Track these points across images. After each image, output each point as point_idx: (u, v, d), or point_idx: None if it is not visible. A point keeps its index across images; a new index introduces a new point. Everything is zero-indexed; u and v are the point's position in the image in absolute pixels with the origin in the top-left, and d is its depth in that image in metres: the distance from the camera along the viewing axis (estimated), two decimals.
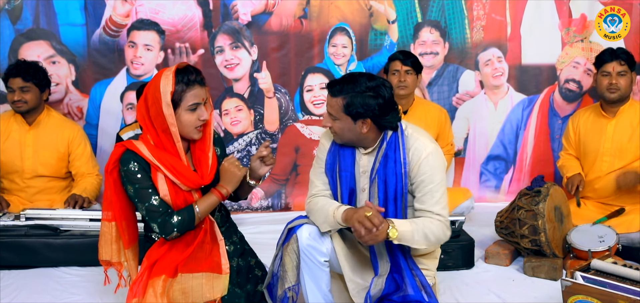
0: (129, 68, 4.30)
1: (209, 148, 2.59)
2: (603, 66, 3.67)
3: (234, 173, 2.56)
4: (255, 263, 2.77)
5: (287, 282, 2.55)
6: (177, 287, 2.47)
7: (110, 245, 2.62)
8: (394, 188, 2.54)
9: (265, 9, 4.36)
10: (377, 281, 2.56)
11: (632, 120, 3.67)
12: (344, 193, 2.62)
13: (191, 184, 2.53)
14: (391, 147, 2.55)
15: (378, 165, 2.56)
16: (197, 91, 2.49)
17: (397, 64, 3.90)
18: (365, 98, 2.47)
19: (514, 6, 4.53)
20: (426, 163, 2.52)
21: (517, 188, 4.53)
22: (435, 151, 2.55)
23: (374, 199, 2.57)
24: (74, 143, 3.83)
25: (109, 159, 2.53)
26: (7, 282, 3.18)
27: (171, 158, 2.49)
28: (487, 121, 4.64)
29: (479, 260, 3.51)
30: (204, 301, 2.46)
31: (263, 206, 4.47)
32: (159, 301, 2.43)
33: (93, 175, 3.87)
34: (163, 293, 2.44)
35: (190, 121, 2.49)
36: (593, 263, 2.71)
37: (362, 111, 2.47)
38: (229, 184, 2.56)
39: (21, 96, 3.67)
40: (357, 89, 2.47)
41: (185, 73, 2.47)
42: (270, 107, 4.45)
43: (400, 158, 2.54)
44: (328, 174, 2.66)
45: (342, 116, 2.51)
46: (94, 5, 4.21)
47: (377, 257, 2.60)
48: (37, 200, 3.79)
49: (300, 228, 2.54)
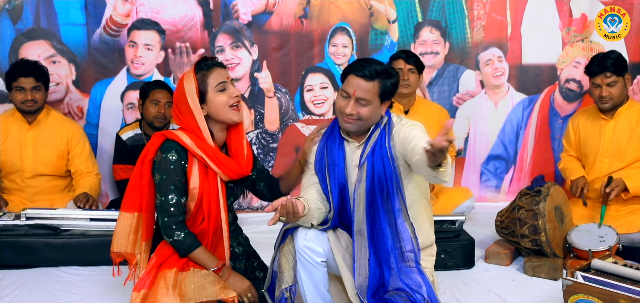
0: (130, 68, 4.30)
1: (243, 137, 2.63)
2: (593, 77, 3.66)
3: (243, 284, 2.57)
4: (257, 265, 2.78)
5: (284, 283, 2.54)
6: (190, 280, 2.47)
7: (127, 236, 2.62)
8: (381, 172, 2.53)
9: (265, 9, 4.36)
10: (359, 268, 2.54)
11: (631, 121, 3.66)
12: (334, 189, 2.60)
13: (231, 174, 2.57)
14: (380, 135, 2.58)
15: (368, 152, 2.56)
16: (218, 71, 2.55)
17: (400, 62, 3.89)
18: (394, 80, 2.57)
19: (515, 6, 4.53)
20: (403, 129, 2.56)
21: (518, 187, 4.52)
22: (417, 125, 2.59)
23: (362, 183, 2.55)
24: (73, 141, 3.83)
25: (147, 148, 2.56)
26: (7, 281, 3.18)
27: (212, 149, 2.53)
28: (488, 121, 4.64)
29: (479, 259, 3.51)
30: (217, 298, 2.45)
31: (263, 206, 4.47)
32: (170, 293, 2.42)
33: (92, 174, 3.86)
34: (175, 285, 2.45)
35: (222, 101, 2.52)
36: (593, 263, 2.71)
37: (392, 91, 2.57)
38: (237, 288, 2.55)
39: (33, 96, 3.65)
40: (387, 72, 2.56)
41: (201, 62, 2.56)
42: (271, 107, 4.45)
43: (386, 142, 2.56)
44: (317, 173, 2.66)
45: (374, 99, 2.54)
46: (94, 5, 4.21)
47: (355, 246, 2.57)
48: (37, 199, 3.78)
49: (297, 228, 2.54)
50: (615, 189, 3.49)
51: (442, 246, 3.17)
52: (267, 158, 4.48)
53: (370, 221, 2.56)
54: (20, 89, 3.65)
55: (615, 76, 3.59)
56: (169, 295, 2.42)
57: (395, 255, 2.57)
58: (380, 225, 2.56)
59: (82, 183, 3.78)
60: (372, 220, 2.56)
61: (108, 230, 3.37)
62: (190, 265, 2.54)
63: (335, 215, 2.61)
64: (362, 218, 2.55)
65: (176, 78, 4.33)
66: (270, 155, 4.49)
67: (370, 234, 2.57)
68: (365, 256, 2.55)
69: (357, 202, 2.56)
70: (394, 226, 2.56)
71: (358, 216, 2.56)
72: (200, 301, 2.42)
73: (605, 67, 3.59)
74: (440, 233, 3.01)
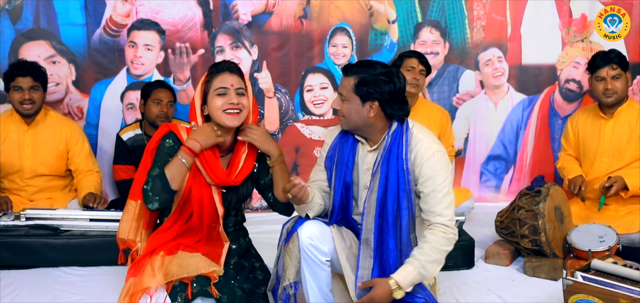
0: (129, 68, 4.30)
1: (243, 152, 2.65)
2: (596, 71, 3.65)
3: (205, 129, 2.58)
4: (259, 266, 2.78)
5: (287, 280, 2.54)
6: (176, 261, 2.52)
7: (130, 223, 2.68)
8: (394, 184, 2.53)
9: (265, 9, 4.36)
10: (362, 276, 2.54)
11: (631, 121, 3.66)
12: (338, 187, 2.61)
13: (215, 179, 2.58)
14: (395, 142, 2.55)
15: (381, 160, 2.56)
16: (224, 76, 2.58)
17: (414, 61, 3.84)
18: (377, 80, 2.50)
19: (515, 6, 4.53)
20: (428, 163, 2.51)
21: (518, 188, 4.53)
22: (439, 152, 2.55)
23: (374, 193, 2.55)
24: (72, 140, 3.83)
25: (153, 137, 2.65)
26: (7, 282, 3.18)
27: (206, 152, 2.58)
28: (488, 121, 4.64)
29: (479, 260, 3.51)
30: (199, 273, 2.48)
31: (263, 206, 4.46)
32: (156, 274, 2.47)
33: (93, 172, 3.87)
34: (161, 267, 2.50)
35: (217, 104, 2.56)
36: (593, 263, 2.71)
37: (371, 92, 2.50)
38: (198, 136, 2.55)
39: (31, 96, 3.64)
40: (371, 71, 2.52)
41: (215, 64, 2.64)
42: (271, 107, 4.46)
43: (403, 154, 2.54)
44: (327, 166, 2.68)
45: (351, 97, 2.53)
46: (94, 5, 4.21)
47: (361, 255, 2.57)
48: (37, 199, 3.79)
49: (301, 227, 2.53)
50: (615, 185, 3.49)
51: None
52: None
53: (378, 232, 2.55)
54: (18, 89, 3.65)
55: (620, 69, 3.60)
56: (155, 278, 2.47)
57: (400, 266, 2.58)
58: (387, 237, 2.56)
59: (85, 183, 3.78)
60: (379, 231, 2.56)
61: (108, 230, 3.38)
62: (178, 249, 2.58)
63: (336, 211, 2.62)
64: (371, 227, 2.55)
65: (176, 78, 4.33)
66: None
67: (377, 245, 2.57)
68: (369, 267, 2.55)
69: (367, 211, 2.56)
70: (400, 239, 2.57)
71: (367, 225, 2.55)
72: (182, 276, 2.46)
73: (610, 60, 3.60)
74: None
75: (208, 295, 2.47)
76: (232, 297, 2.52)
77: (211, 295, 2.47)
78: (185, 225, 2.66)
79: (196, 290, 2.44)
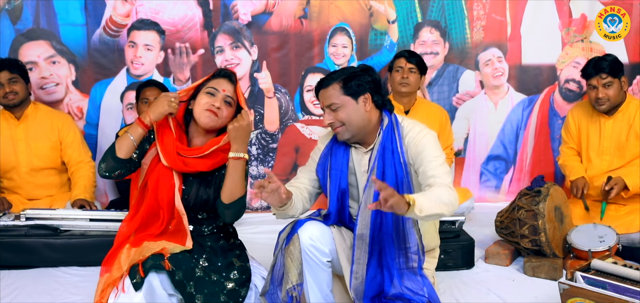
0: (129, 68, 4.30)
1: (210, 146, 2.63)
2: (588, 79, 3.68)
3: (159, 99, 2.61)
4: (239, 266, 2.68)
5: (289, 283, 2.53)
6: (139, 250, 2.55)
7: None
8: (392, 178, 2.53)
9: (265, 9, 4.36)
10: (357, 271, 2.53)
11: (630, 118, 3.67)
12: (333, 192, 2.62)
13: (169, 162, 2.60)
14: (388, 138, 2.57)
15: (376, 157, 2.56)
16: (221, 81, 2.65)
17: (401, 61, 3.91)
18: (357, 74, 2.57)
19: (514, 6, 4.53)
20: (421, 140, 2.54)
21: (517, 188, 4.53)
22: (431, 133, 2.58)
23: (371, 189, 2.54)
24: (64, 130, 3.87)
25: None
26: (7, 282, 3.18)
27: (173, 136, 2.62)
28: (487, 121, 4.64)
29: (479, 260, 3.51)
30: (153, 252, 2.50)
31: (263, 207, 4.46)
32: (123, 266, 2.51)
33: (85, 162, 3.89)
34: (127, 259, 2.53)
35: (201, 101, 2.61)
36: (593, 263, 2.71)
37: (360, 84, 2.55)
38: (151, 108, 2.60)
39: (11, 88, 3.70)
40: (346, 71, 2.58)
41: (221, 69, 2.72)
42: (271, 107, 4.45)
43: (397, 147, 2.54)
44: (319, 173, 2.68)
45: (343, 100, 2.55)
46: (94, 5, 4.21)
47: (355, 250, 2.55)
48: (37, 196, 3.81)
49: (301, 228, 2.53)
50: (615, 187, 3.49)
51: (442, 247, 3.16)
52: (267, 159, 4.49)
53: (376, 227, 2.55)
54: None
55: (611, 77, 3.60)
56: (121, 270, 2.51)
57: (399, 262, 2.58)
58: (387, 230, 2.56)
59: (77, 181, 3.80)
60: (378, 226, 2.56)
61: (108, 230, 3.38)
62: (141, 242, 2.59)
63: (333, 216, 2.62)
64: (367, 223, 2.54)
65: (176, 78, 4.33)
66: (270, 155, 4.49)
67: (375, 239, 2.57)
68: (364, 262, 2.55)
69: (363, 207, 2.55)
70: (401, 232, 2.57)
71: (362, 221, 2.55)
72: (140, 258, 2.49)
73: (600, 69, 3.60)
74: (440, 233, 3.00)
75: (161, 268, 2.46)
76: (190, 275, 2.51)
77: (164, 268, 2.46)
78: (147, 212, 2.65)
79: (149, 264, 2.45)
